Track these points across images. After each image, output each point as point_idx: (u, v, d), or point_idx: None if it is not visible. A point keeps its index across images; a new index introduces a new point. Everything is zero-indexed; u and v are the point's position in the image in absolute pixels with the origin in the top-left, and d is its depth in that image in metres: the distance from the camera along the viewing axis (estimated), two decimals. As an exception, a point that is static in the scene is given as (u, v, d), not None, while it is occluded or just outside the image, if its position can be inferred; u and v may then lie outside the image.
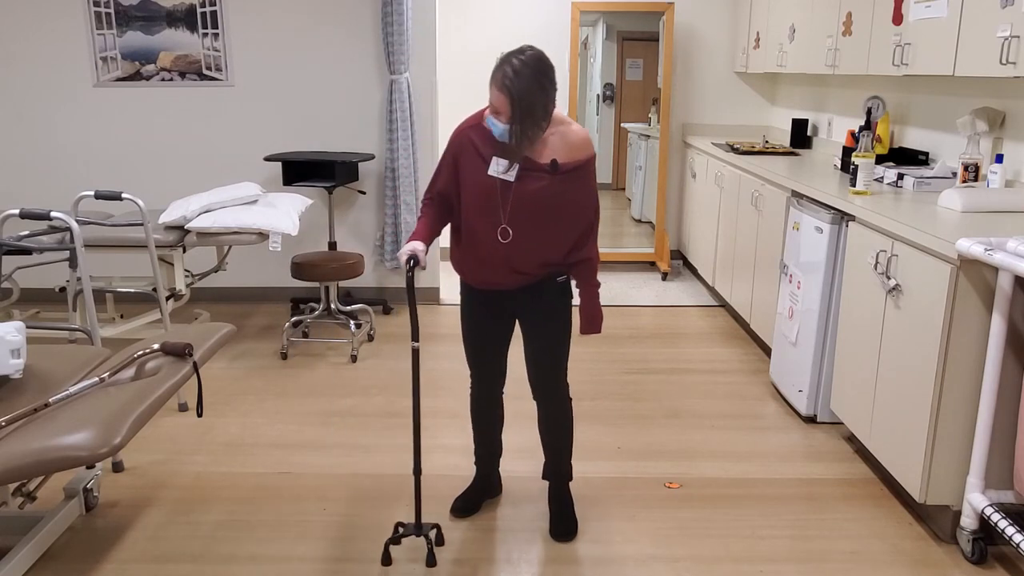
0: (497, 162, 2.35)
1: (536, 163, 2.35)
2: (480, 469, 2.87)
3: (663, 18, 5.88)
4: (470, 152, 2.39)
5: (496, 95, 2.24)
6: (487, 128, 2.37)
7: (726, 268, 4.91)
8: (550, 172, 2.34)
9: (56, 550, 2.60)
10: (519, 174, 2.34)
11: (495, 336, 2.62)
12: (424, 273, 5.23)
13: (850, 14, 3.94)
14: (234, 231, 3.90)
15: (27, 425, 2.13)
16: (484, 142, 2.38)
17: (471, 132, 2.41)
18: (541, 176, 2.35)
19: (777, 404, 3.75)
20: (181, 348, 2.45)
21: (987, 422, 2.47)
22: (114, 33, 4.92)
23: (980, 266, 2.45)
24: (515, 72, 2.21)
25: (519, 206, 2.35)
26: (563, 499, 2.76)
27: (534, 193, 2.34)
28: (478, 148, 2.38)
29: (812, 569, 2.53)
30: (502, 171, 2.35)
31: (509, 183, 2.35)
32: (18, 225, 3.67)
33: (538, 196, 2.34)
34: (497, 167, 2.35)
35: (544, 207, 2.36)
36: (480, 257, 2.46)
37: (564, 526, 2.70)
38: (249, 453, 3.26)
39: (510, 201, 2.34)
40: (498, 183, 2.35)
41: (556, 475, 2.76)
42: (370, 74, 5.00)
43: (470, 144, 2.40)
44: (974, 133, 3.31)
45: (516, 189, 2.34)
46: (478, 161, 2.38)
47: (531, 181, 2.34)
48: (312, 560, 2.56)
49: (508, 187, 2.35)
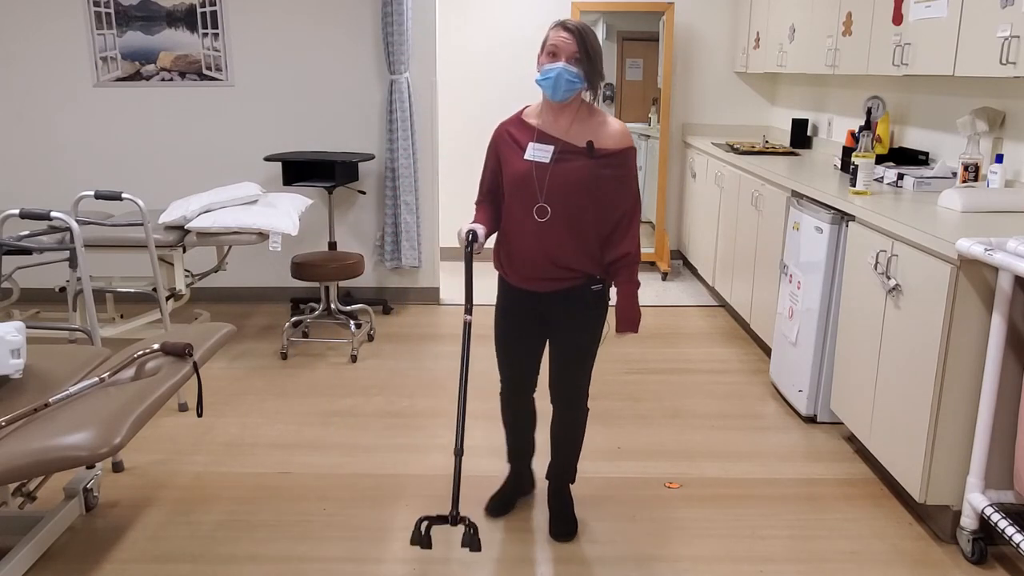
0: (533, 147, 2.39)
1: (573, 146, 2.37)
2: (513, 467, 2.87)
3: (663, 18, 5.88)
4: (508, 143, 2.46)
5: (558, 34, 2.28)
6: (524, 121, 2.45)
7: (726, 268, 4.91)
8: (587, 154, 2.35)
9: (56, 550, 2.60)
10: (556, 156, 2.36)
11: (526, 342, 2.60)
12: (424, 273, 5.23)
13: (850, 14, 3.94)
14: (234, 231, 3.90)
15: (27, 425, 2.13)
16: (521, 133, 2.44)
17: (508, 126, 2.49)
18: (578, 157, 2.36)
19: (777, 404, 3.75)
20: (181, 348, 2.45)
21: (987, 422, 2.47)
22: (114, 33, 4.92)
23: (980, 266, 2.45)
24: (577, 23, 2.29)
25: (555, 186, 2.36)
26: (563, 499, 2.76)
27: (570, 173, 2.35)
28: (515, 138, 2.44)
29: (812, 569, 2.53)
30: (538, 155, 2.38)
31: (545, 165, 2.37)
32: (18, 225, 3.67)
33: (574, 177, 2.35)
34: (533, 152, 2.38)
35: (581, 188, 2.36)
36: (520, 246, 2.45)
37: (564, 526, 2.70)
38: (249, 453, 3.26)
39: (547, 181, 2.36)
40: (534, 166, 2.38)
41: (559, 476, 2.76)
42: (370, 74, 5.00)
43: (508, 136, 2.47)
44: (974, 133, 3.31)
45: (553, 169, 2.36)
46: (516, 149, 2.43)
47: (568, 162, 2.36)
48: (312, 560, 2.56)
49: (545, 169, 2.37)
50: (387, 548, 2.62)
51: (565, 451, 2.70)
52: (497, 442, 3.34)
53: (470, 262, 2.48)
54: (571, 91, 2.31)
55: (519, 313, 2.56)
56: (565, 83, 2.28)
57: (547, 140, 2.38)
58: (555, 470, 2.76)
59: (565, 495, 2.77)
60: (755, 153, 4.83)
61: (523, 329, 2.57)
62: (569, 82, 2.28)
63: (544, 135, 2.39)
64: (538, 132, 2.40)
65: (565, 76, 2.26)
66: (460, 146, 6.13)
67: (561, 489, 2.77)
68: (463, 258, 2.52)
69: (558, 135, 2.38)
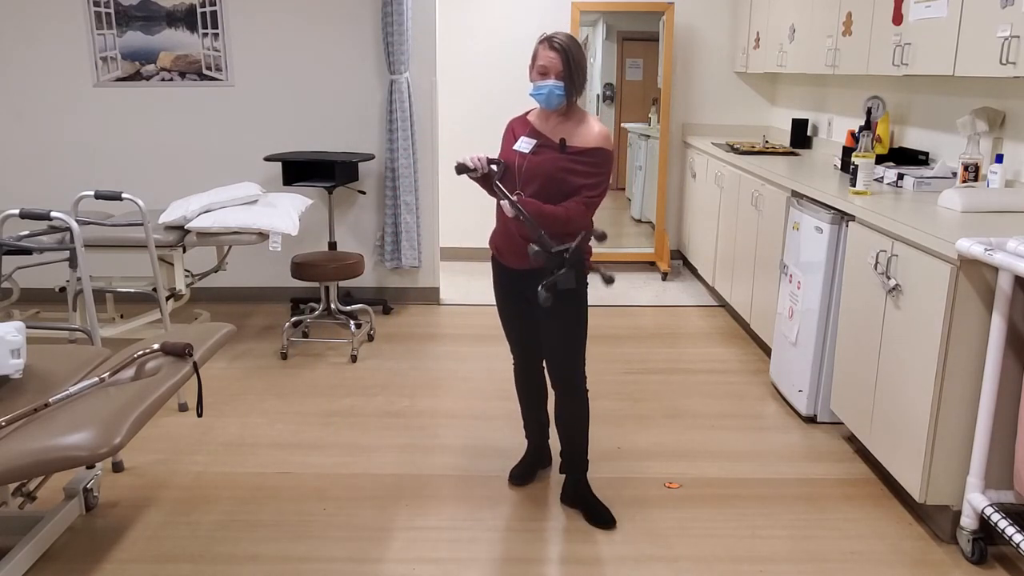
0: (522, 140, 2.67)
1: (550, 140, 2.64)
2: (531, 440, 3.07)
3: (663, 18, 5.88)
4: (509, 136, 2.75)
5: (546, 55, 2.55)
6: (526, 119, 2.73)
7: (726, 268, 4.91)
8: (558, 149, 2.61)
9: (56, 550, 2.60)
10: (535, 148, 2.64)
11: (518, 314, 2.85)
12: (424, 273, 5.23)
13: (850, 14, 3.94)
14: (234, 231, 3.90)
15: (27, 425, 2.13)
16: (521, 128, 2.73)
17: (514, 122, 2.78)
18: (551, 151, 2.62)
19: (777, 404, 3.75)
20: (181, 348, 2.45)
21: (987, 422, 2.47)
22: (114, 33, 4.92)
23: (980, 266, 2.45)
24: (562, 38, 2.56)
25: (529, 175, 2.62)
26: (586, 495, 2.84)
27: (541, 164, 2.60)
28: (515, 132, 2.74)
29: (812, 569, 2.53)
30: (523, 146, 2.66)
31: (525, 155, 2.64)
32: (18, 225, 3.67)
33: (544, 167, 2.60)
34: (521, 144, 2.67)
35: (548, 178, 2.59)
36: (501, 227, 2.74)
37: (602, 517, 2.78)
38: (249, 453, 3.26)
39: (524, 169, 2.63)
40: (517, 155, 2.66)
41: (573, 466, 2.83)
42: (370, 74, 5.00)
43: (510, 130, 2.77)
44: (974, 133, 3.31)
45: (529, 159, 2.63)
46: (512, 141, 2.73)
47: (542, 154, 2.62)
48: (312, 560, 2.56)
49: (524, 158, 2.64)
50: (387, 548, 2.62)
51: (569, 435, 2.80)
52: (500, 443, 3.35)
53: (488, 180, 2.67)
54: (560, 102, 2.59)
55: (506, 291, 2.83)
56: (556, 98, 2.58)
57: (533, 134, 2.68)
58: (566, 460, 2.85)
59: (585, 490, 2.84)
60: (755, 153, 4.83)
61: (512, 307, 2.85)
62: (559, 96, 2.57)
63: (534, 131, 2.68)
64: (531, 128, 2.69)
65: (555, 92, 2.57)
66: (460, 146, 6.13)
67: (579, 486, 2.84)
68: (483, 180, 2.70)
69: (545, 132, 2.66)
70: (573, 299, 2.64)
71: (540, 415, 3.02)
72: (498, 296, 2.88)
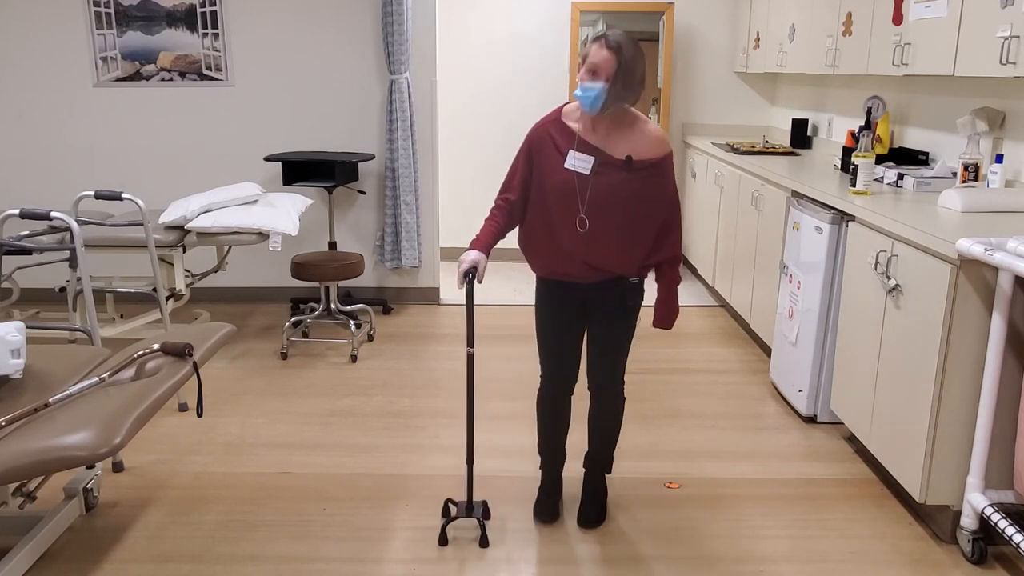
0: (574, 156, 2.40)
1: (612, 158, 2.39)
2: (546, 475, 2.84)
3: (663, 18, 5.88)
4: (549, 147, 2.45)
5: (599, 52, 2.28)
6: (564, 123, 2.45)
7: (726, 268, 4.91)
8: (626, 168, 2.38)
9: (56, 550, 2.60)
10: (596, 168, 2.39)
11: (568, 328, 2.62)
12: (424, 273, 5.24)
13: (850, 14, 3.94)
14: (234, 231, 3.90)
15: (27, 425, 2.13)
16: (562, 137, 2.44)
17: (550, 127, 2.47)
18: (618, 171, 2.39)
19: (777, 404, 3.75)
20: (181, 348, 2.45)
21: (987, 422, 2.47)
22: (114, 33, 4.92)
23: (980, 266, 2.45)
24: (618, 37, 2.29)
25: (595, 199, 2.39)
26: (599, 486, 2.82)
27: (609, 186, 2.38)
28: (556, 143, 2.44)
29: (812, 569, 2.53)
30: (579, 165, 2.40)
31: (586, 177, 2.39)
32: (18, 225, 3.67)
33: (613, 190, 2.38)
34: (574, 160, 2.40)
35: (619, 200, 2.39)
36: (558, 248, 2.48)
37: (595, 512, 2.76)
38: (249, 453, 3.26)
39: (587, 193, 2.39)
40: (575, 176, 2.40)
41: (596, 467, 2.82)
42: (370, 74, 5.00)
43: (549, 138, 2.46)
44: (974, 133, 3.31)
45: (593, 183, 2.38)
46: (556, 155, 2.43)
47: (607, 175, 2.38)
48: (312, 560, 2.56)
49: (585, 180, 2.39)
50: (387, 548, 2.62)
51: (603, 437, 2.75)
52: (500, 443, 3.34)
53: (471, 298, 2.53)
54: (607, 108, 2.33)
55: (558, 300, 2.58)
56: (603, 102, 2.31)
57: (586, 149, 2.40)
58: (592, 458, 2.81)
59: (601, 483, 2.83)
60: (755, 153, 4.83)
61: (562, 321, 2.60)
62: (605, 101, 2.31)
63: (584, 143, 2.41)
64: (578, 139, 2.41)
65: (604, 97, 2.30)
66: (460, 146, 6.13)
67: (597, 478, 2.82)
68: (464, 293, 2.55)
69: (597, 144, 2.40)
70: (637, 302, 2.59)
71: (561, 447, 2.80)
72: (549, 314, 2.61)
